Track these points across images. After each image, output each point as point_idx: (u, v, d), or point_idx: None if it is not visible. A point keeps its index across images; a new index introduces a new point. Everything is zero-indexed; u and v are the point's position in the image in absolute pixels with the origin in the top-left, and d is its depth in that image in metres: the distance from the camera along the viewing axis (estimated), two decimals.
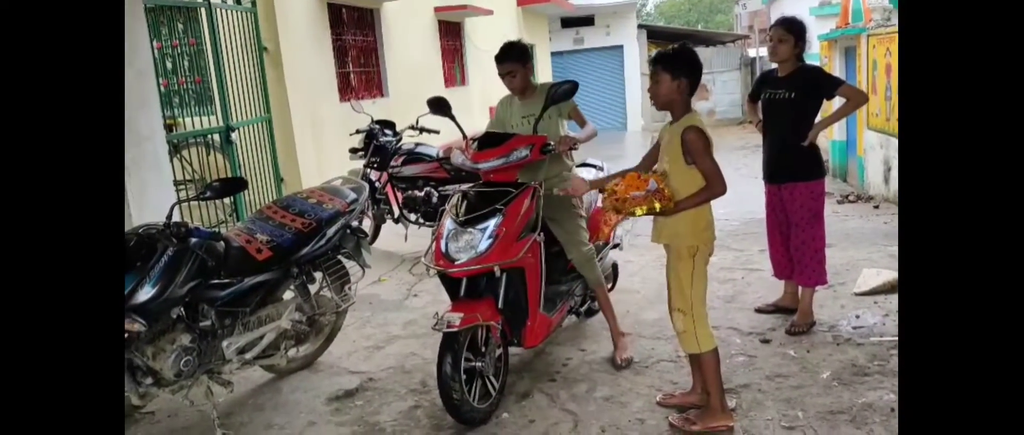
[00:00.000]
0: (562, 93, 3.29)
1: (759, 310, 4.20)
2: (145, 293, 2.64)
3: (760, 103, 4.02)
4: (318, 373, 3.75)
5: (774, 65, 3.94)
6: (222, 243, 3.03)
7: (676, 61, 2.76)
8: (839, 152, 11.51)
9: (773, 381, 3.33)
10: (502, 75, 3.62)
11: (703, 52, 22.16)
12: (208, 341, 2.99)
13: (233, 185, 2.90)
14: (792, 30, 3.75)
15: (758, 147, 16.90)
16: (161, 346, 2.83)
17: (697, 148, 2.71)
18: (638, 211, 2.68)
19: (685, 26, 34.42)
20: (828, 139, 12.32)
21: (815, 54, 13.13)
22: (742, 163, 14.20)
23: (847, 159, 11.29)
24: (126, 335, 2.71)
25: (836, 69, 11.38)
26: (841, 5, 11.04)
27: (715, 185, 2.73)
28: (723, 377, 3.32)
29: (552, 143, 3.37)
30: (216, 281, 2.97)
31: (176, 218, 2.87)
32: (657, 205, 2.67)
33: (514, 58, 3.57)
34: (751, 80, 21.29)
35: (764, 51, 20.21)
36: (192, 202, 3.20)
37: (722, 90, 21.30)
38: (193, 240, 2.79)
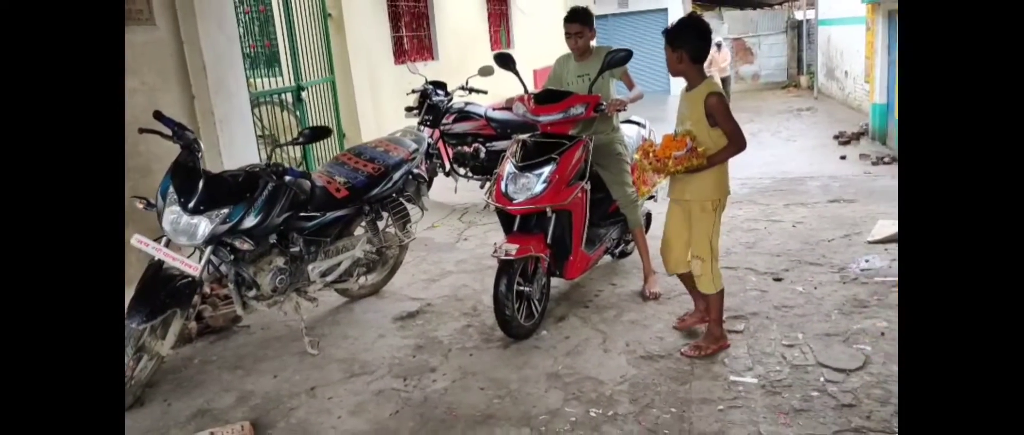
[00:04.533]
0: (619, 60, 3.69)
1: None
2: (251, 220, 3.22)
3: None
4: (384, 299, 4.34)
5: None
6: (309, 182, 3.61)
7: (672, 34, 3.07)
8: (879, 115, 11.64)
9: (780, 310, 3.79)
10: (569, 34, 4.03)
11: (749, 14, 22.01)
12: (297, 264, 3.59)
13: (320, 133, 3.46)
14: None
15: (801, 111, 16.92)
16: (261, 266, 3.44)
17: (720, 111, 3.01)
18: (679, 169, 2.99)
19: None
20: (869, 102, 12.43)
21: (861, 18, 13.15)
22: (782, 127, 14.37)
23: (887, 122, 11.42)
24: (234, 255, 3.32)
25: (878, 35, 11.47)
26: None
27: (739, 141, 3.05)
28: (737, 308, 3.83)
29: (604, 104, 3.81)
30: (304, 214, 3.55)
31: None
32: (694, 162, 2.99)
33: (582, 20, 4.02)
34: (798, 43, 21.12)
35: (811, 14, 19.99)
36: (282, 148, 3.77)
37: (768, 53, 21.19)
38: (288, 178, 3.36)
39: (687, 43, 3.04)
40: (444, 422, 2.92)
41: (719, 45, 15.53)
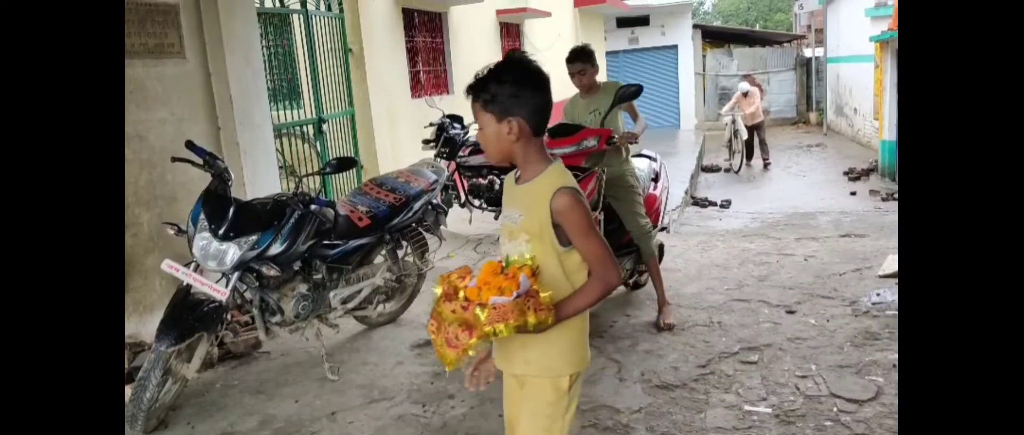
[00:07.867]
0: (630, 95, 3.85)
1: None
2: (277, 247, 3.33)
3: None
4: (401, 327, 4.41)
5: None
6: (333, 211, 3.71)
7: (505, 89, 1.81)
8: (889, 152, 11.73)
9: (793, 342, 3.84)
10: (572, 73, 4.18)
11: (758, 51, 22.28)
12: (319, 291, 3.67)
13: (347, 163, 3.58)
14: None
15: (811, 147, 17.17)
16: (285, 292, 3.53)
17: (580, 221, 1.72)
18: (503, 331, 1.59)
19: (742, 25, 34.33)
20: (878, 139, 12.53)
21: (869, 55, 13.32)
22: (792, 162, 14.50)
23: (896, 159, 11.49)
24: (259, 281, 3.42)
25: (887, 72, 11.61)
26: (895, 6, 11.25)
27: (609, 274, 1.74)
28: (750, 340, 3.88)
29: (616, 137, 3.94)
30: (327, 242, 3.65)
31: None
32: (531, 319, 1.62)
33: (584, 59, 4.16)
34: (807, 80, 21.33)
35: (820, 51, 20.21)
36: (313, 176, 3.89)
37: (778, 89, 21.42)
38: (313, 206, 3.47)
39: (521, 100, 1.77)
40: None
41: (746, 92, 13.79)
